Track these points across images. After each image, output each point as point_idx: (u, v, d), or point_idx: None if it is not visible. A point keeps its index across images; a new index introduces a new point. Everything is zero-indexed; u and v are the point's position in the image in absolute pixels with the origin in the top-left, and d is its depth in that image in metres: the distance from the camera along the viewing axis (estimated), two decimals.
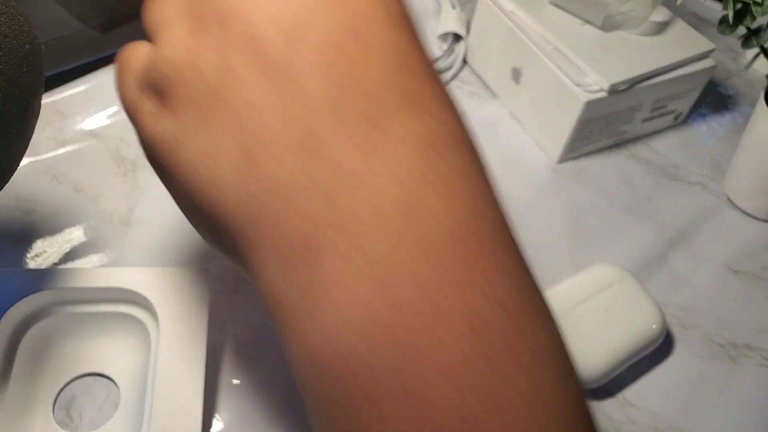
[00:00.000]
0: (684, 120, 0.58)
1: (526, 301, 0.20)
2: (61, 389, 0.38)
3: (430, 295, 0.18)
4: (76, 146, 0.50)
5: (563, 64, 0.50)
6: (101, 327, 0.39)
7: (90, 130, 0.51)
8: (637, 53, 0.51)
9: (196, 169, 0.22)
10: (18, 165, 0.31)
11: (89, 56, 0.59)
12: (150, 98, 0.24)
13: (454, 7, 0.63)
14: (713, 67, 0.53)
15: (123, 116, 0.52)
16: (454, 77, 0.60)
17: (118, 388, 0.39)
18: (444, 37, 0.61)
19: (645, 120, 0.54)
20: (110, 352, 0.40)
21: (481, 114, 0.57)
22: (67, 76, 0.54)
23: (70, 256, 0.44)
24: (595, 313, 0.41)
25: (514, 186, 0.52)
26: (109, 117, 0.52)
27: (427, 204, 0.19)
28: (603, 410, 0.40)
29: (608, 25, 0.52)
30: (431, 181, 0.20)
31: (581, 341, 0.39)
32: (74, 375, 0.39)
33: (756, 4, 0.46)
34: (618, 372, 0.40)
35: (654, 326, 0.41)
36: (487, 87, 0.59)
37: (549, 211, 0.50)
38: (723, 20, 0.48)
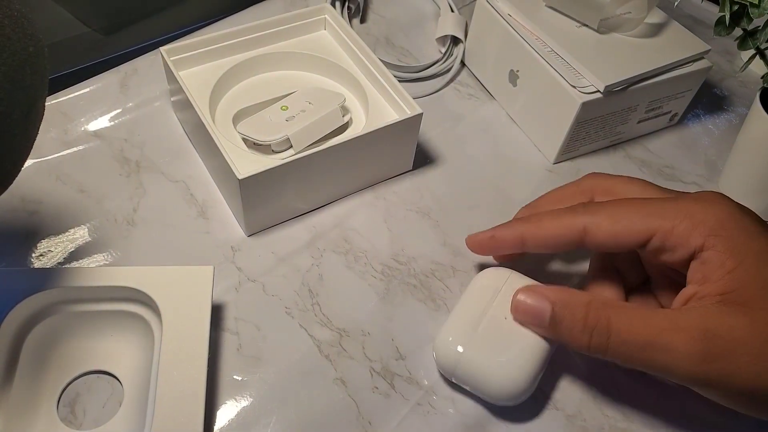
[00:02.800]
0: (679, 121, 0.58)
1: None
2: (65, 387, 0.39)
3: None
4: (80, 147, 0.51)
5: (559, 66, 0.50)
6: (105, 325, 0.40)
7: (94, 132, 0.52)
8: (632, 55, 0.51)
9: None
10: (22, 166, 0.32)
11: (93, 58, 0.60)
12: None
13: (452, 10, 0.63)
14: (708, 68, 0.53)
15: (127, 117, 0.53)
16: (452, 79, 0.60)
17: (122, 386, 0.39)
18: (442, 39, 0.62)
19: (640, 121, 0.55)
20: (114, 350, 0.40)
21: (478, 115, 0.57)
22: (71, 78, 0.55)
23: (74, 255, 0.45)
24: (496, 327, 0.39)
25: (512, 186, 0.52)
26: (113, 118, 0.53)
27: None
28: (599, 407, 0.41)
29: (604, 27, 0.53)
30: None
31: (498, 362, 0.38)
32: (78, 372, 0.39)
33: (753, 5, 0.47)
34: (543, 372, 0.39)
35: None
36: (484, 89, 0.60)
37: None
38: (719, 21, 0.49)
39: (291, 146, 0.48)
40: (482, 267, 0.46)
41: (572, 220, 0.36)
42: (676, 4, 0.53)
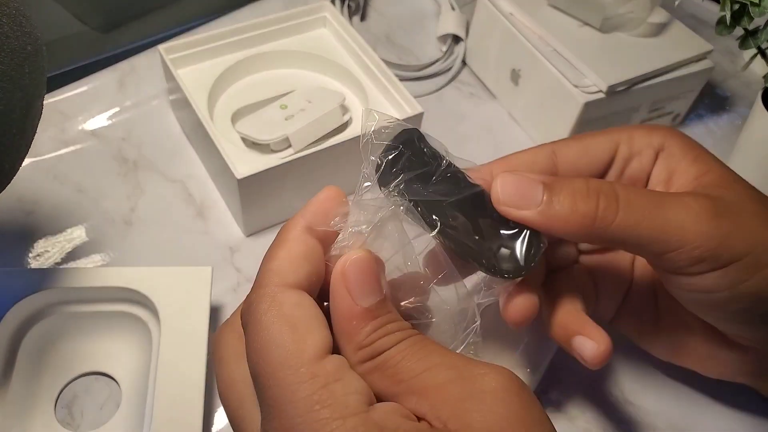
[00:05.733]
0: (682, 121, 0.58)
1: None
2: (63, 388, 0.39)
3: None
4: (77, 146, 0.50)
5: (562, 65, 0.50)
6: (103, 326, 0.40)
7: (92, 131, 0.52)
8: (635, 54, 0.51)
9: None
10: (20, 165, 0.32)
11: (91, 57, 0.59)
12: None
13: (453, 8, 0.63)
14: (711, 69, 0.53)
15: (124, 117, 0.53)
16: (453, 78, 0.60)
17: (120, 387, 0.39)
18: (443, 38, 0.61)
19: (643, 121, 0.54)
20: (112, 351, 0.40)
21: (480, 115, 0.57)
22: (68, 77, 0.54)
23: (71, 255, 0.44)
24: (494, 327, 0.37)
25: None
26: (111, 117, 0.52)
27: None
28: (602, 409, 0.40)
29: (607, 26, 0.53)
30: None
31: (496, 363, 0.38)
32: (76, 374, 0.39)
33: (753, 4, 0.46)
34: (542, 374, 0.39)
35: None
36: (486, 88, 0.59)
37: None
38: (720, 21, 0.48)
39: (290, 145, 0.47)
40: None
41: (539, 148, 0.34)
42: (676, 3, 0.52)
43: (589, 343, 0.32)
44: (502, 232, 0.29)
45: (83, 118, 0.52)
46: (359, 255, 0.26)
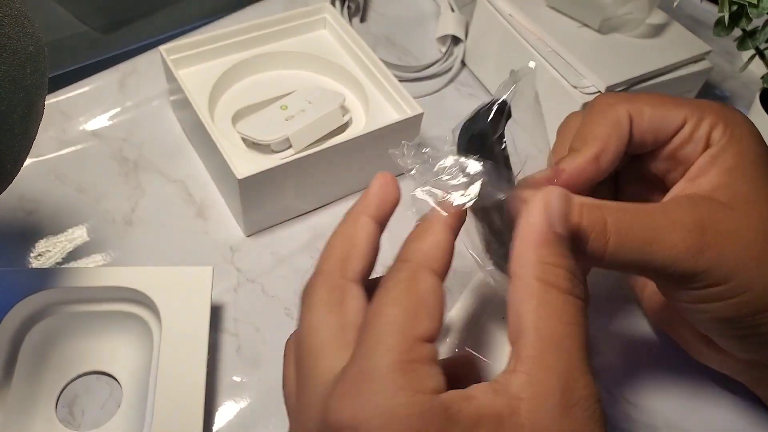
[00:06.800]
0: None
1: None
2: (64, 387, 0.39)
3: None
4: (78, 147, 0.51)
5: (561, 66, 0.50)
6: (104, 326, 0.40)
7: (93, 131, 0.52)
8: (633, 55, 0.51)
9: None
10: (22, 165, 0.32)
11: (92, 57, 0.59)
12: None
13: (452, 9, 0.63)
14: (709, 69, 0.53)
15: (125, 117, 0.53)
16: (452, 79, 0.60)
17: (121, 386, 0.39)
18: (443, 39, 0.61)
19: None
20: (112, 351, 0.40)
21: None
22: (70, 77, 0.54)
23: (72, 255, 0.45)
24: (494, 327, 0.39)
25: None
26: (112, 118, 0.53)
27: None
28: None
29: (606, 27, 0.53)
30: None
31: (495, 363, 0.37)
32: (77, 373, 0.39)
33: (752, 5, 0.47)
34: None
35: None
36: (485, 89, 0.59)
37: None
38: (719, 22, 0.49)
39: (290, 146, 0.47)
40: None
41: (616, 111, 0.34)
42: (675, 4, 0.53)
43: None
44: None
45: (84, 118, 0.52)
46: (564, 191, 0.28)
